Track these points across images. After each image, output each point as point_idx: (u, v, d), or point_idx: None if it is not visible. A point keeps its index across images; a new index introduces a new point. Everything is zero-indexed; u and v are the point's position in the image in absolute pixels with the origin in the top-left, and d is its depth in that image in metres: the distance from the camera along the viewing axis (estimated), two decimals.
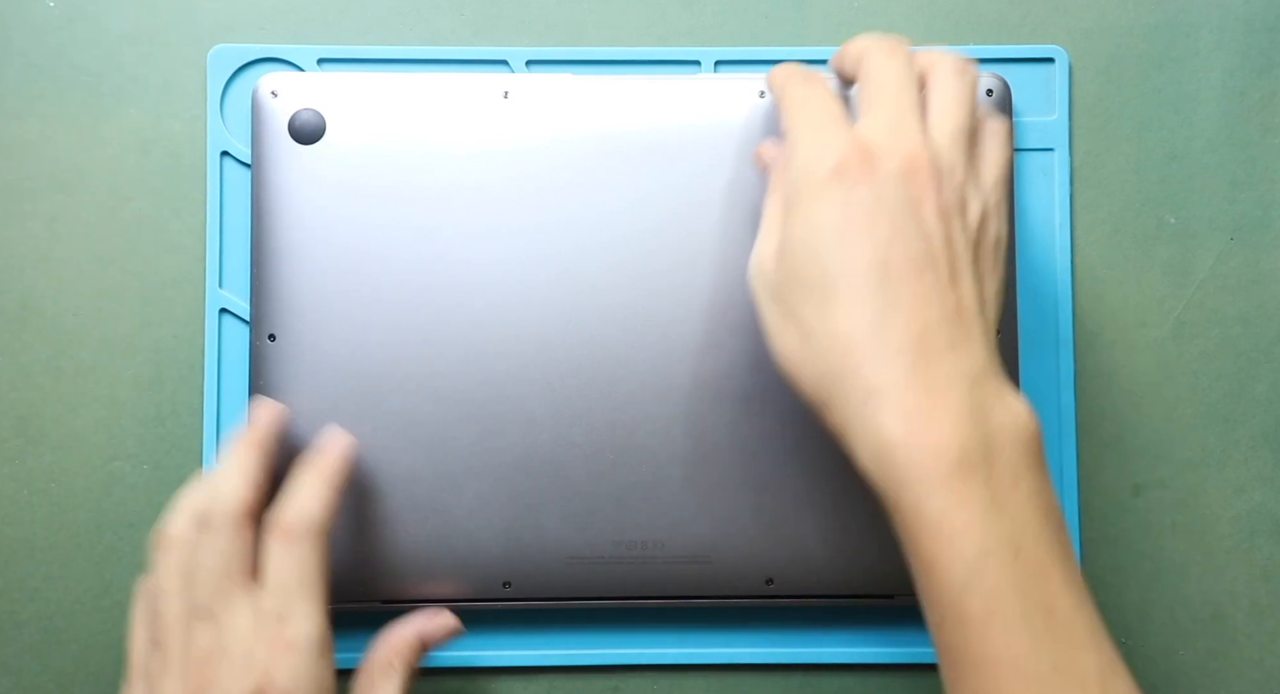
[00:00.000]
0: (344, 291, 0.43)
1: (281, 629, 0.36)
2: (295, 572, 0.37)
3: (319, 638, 0.37)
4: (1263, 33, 0.48)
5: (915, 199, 0.34)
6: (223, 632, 0.36)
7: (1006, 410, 0.32)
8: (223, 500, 0.38)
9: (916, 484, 0.31)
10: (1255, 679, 0.46)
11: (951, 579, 0.31)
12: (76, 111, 0.46)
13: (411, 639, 0.41)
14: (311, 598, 0.37)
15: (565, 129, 0.44)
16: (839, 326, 0.33)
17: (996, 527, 0.31)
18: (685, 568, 0.43)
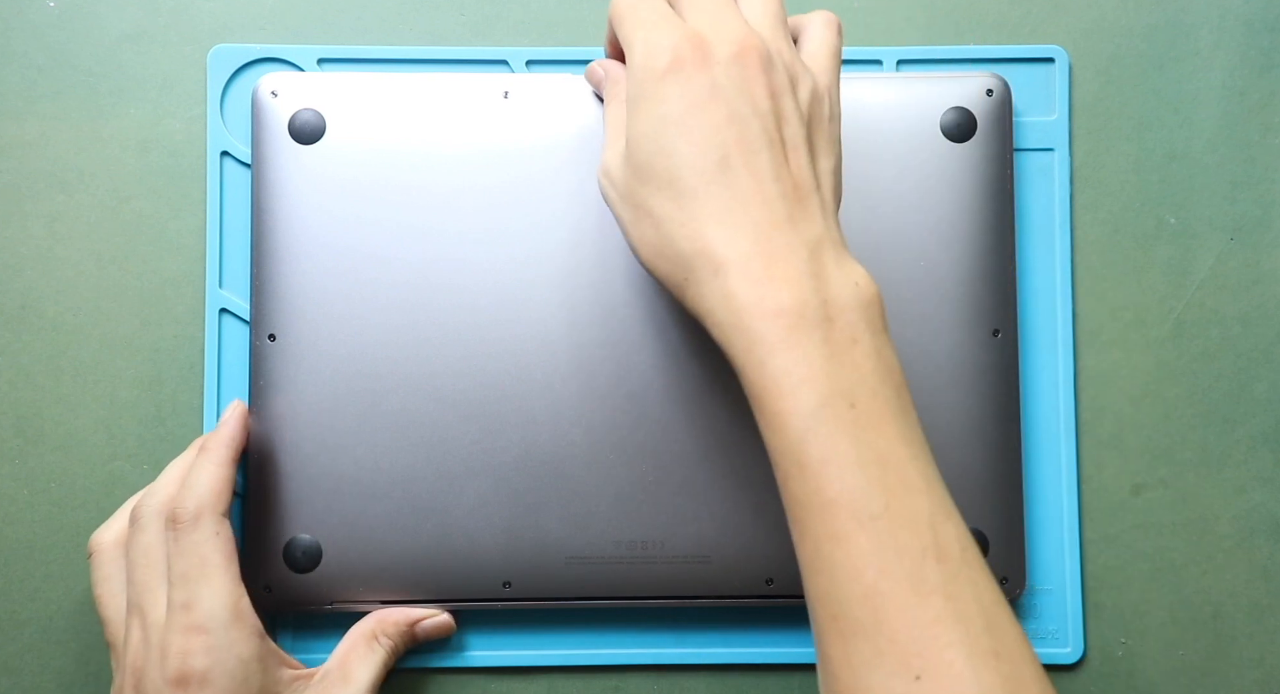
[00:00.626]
0: (344, 291, 0.43)
1: (189, 616, 0.37)
2: (189, 557, 0.38)
3: (226, 613, 0.38)
4: (1263, 33, 0.48)
5: (748, 81, 0.35)
6: (147, 626, 0.38)
7: (845, 276, 0.34)
8: (150, 496, 0.40)
9: (760, 344, 0.33)
10: (1255, 679, 0.46)
11: (792, 429, 0.32)
12: (76, 111, 0.46)
13: (402, 621, 0.42)
14: (212, 578, 0.38)
15: (565, 129, 0.44)
16: (688, 212, 0.34)
17: (833, 380, 0.32)
18: (685, 568, 0.43)
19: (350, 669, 0.41)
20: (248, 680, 0.38)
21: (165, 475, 0.41)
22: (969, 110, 0.44)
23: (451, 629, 0.43)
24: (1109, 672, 0.46)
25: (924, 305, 0.43)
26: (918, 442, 0.33)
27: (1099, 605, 0.46)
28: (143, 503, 0.40)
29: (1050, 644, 0.45)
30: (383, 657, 0.42)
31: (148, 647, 0.38)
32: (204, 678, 0.37)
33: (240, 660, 0.38)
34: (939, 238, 0.44)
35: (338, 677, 0.41)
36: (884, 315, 0.35)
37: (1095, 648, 0.46)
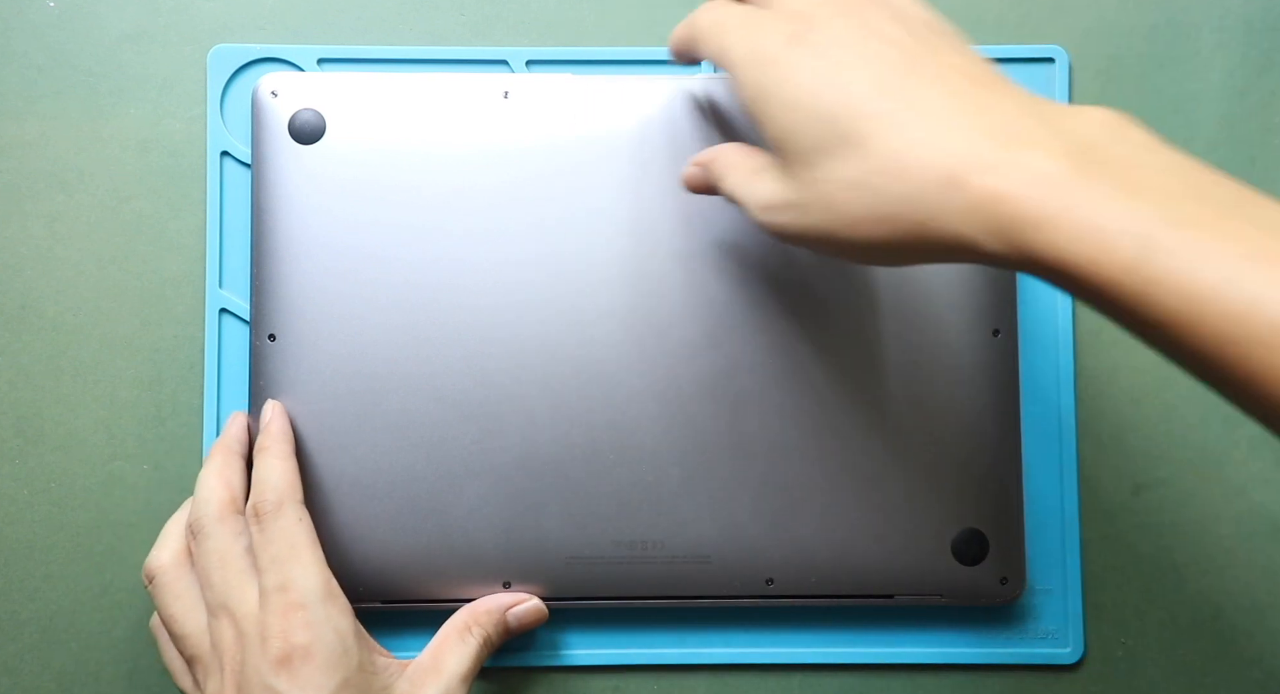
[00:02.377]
0: (344, 291, 0.43)
1: (285, 596, 0.38)
2: (279, 543, 0.39)
3: (320, 590, 0.38)
4: (1263, 33, 0.48)
5: (864, 19, 0.33)
6: (238, 619, 0.38)
7: (1084, 116, 0.30)
8: (201, 505, 0.40)
9: (1044, 218, 0.28)
10: (1255, 679, 0.46)
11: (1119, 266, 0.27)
12: (76, 111, 0.46)
13: (494, 609, 0.42)
14: (302, 559, 0.39)
15: (565, 129, 0.44)
16: (885, 149, 0.31)
17: (1142, 207, 0.27)
18: (685, 568, 0.43)
19: (442, 660, 0.41)
20: (347, 654, 0.38)
21: (206, 485, 0.41)
22: None
23: (544, 614, 0.43)
24: (1109, 672, 0.46)
25: (924, 305, 0.43)
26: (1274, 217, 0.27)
27: (1099, 605, 0.46)
28: (200, 514, 0.40)
29: (1050, 644, 0.45)
30: (475, 648, 0.41)
31: (244, 638, 0.38)
32: (307, 652, 0.37)
33: (339, 634, 0.38)
34: None
35: (429, 667, 0.41)
36: (1140, 130, 0.30)
37: (1095, 648, 0.46)
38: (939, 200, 0.30)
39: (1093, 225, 0.28)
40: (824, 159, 0.32)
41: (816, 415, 0.43)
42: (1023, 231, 0.29)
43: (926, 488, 0.43)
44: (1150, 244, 0.27)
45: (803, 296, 0.43)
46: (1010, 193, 0.29)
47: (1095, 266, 0.28)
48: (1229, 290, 0.26)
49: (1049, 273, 0.29)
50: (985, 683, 0.46)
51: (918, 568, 0.43)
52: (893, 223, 0.31)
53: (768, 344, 0.43)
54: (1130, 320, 0.28)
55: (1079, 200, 0.28)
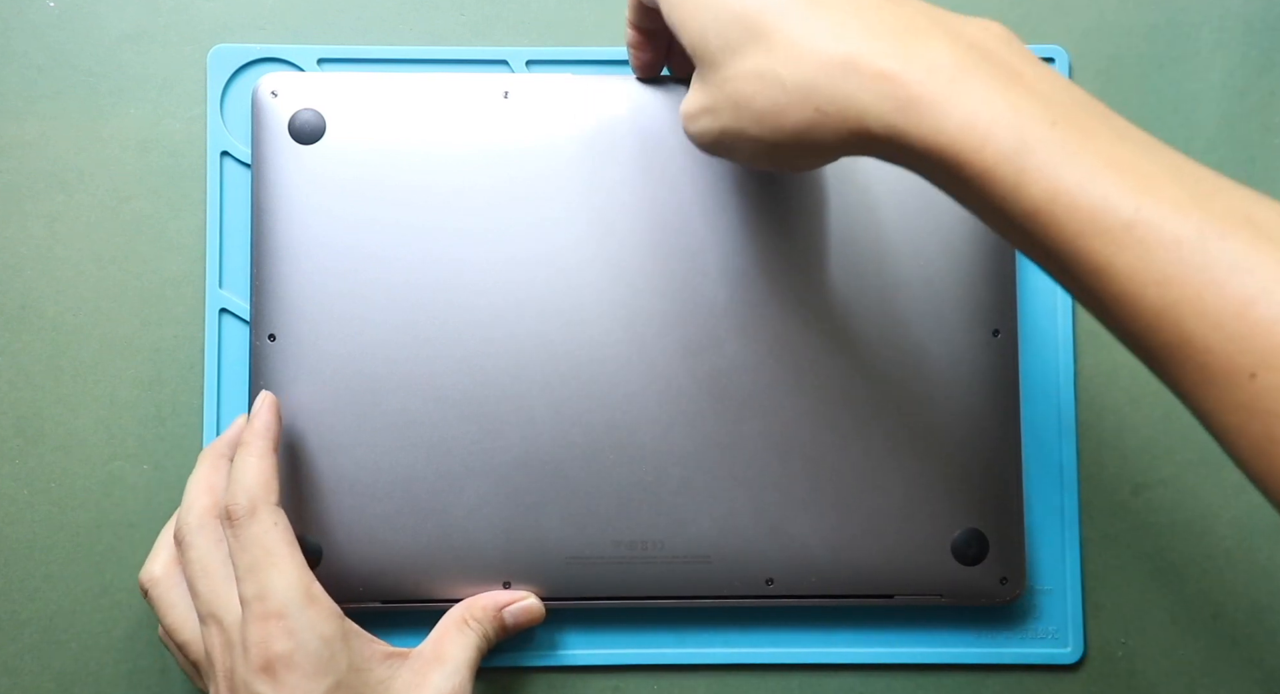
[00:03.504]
0: (344, 291, 0.43)
1: (263, 605, 0.37)
2: (253, 550, 0.38)
3: (300, 596, 0.38)
4: (1263, 33, 0.48)
5: None
6: (225, 627, 0.38)
7: (974, 24, 0.32)
8: (184, 514, 0.40)
9: (928, 109, 0.30)
10: (1255, 679, 0.46)
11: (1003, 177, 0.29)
12: (76, 111, 0.46)
13: (491, 607, 0.42)
14: (279, 565, 0.38)
15: (565, 129, 0.44)
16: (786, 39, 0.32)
17: (1022, 111, 0.29)
18: (685, 568, 0.43)
19: (444, 650, 0.41)
20: (334, 659, 0.37)
21: (190, 493, 0.41)
22: None
23: (540, 614, 0.43)
24: (1109, 672, 0.46)
25: (924, 305, 0.43)
26: (1139, 137, 0.30)
27: (1099, 605, 0.46)
28: (181, 523, 0.40)
29: (1050, 644, 0.45)
30: (475, 639, 0.41)
31: (230, 647, 0.38)
32: (288, 660, 0.37)
33: (322, 640, 0.37)
34: (939, 238, 0.44)
35: (432, 657, 0.40)
36: (1027, 48, 0.32)
37: (1095, 648, 0.46)
38: (837, 84, 0.31)
39: (979, 114, 0.29)
40: (732, 57, 0.33)
41: (816, 415, 0.43)
42: (914, 114, 0.30)
43: (926, 488, 0.43)
44: (1028, 138, 0.29)
45: (803, 297, 0.43)
46: (904, 76, 0.30)
47: (976, 154, 0.29)
48: (1090, 187, 0.28)
49: (928, 160, 0.30)
50: (985, 683, 0.46)
51: (918, 568, 0.43)
52: (794, 112, 0.32)
53: (768, 344, 0.43)
54: (998, 210, 0.30)
55: (968, 90, 0.30)
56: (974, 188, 0.30)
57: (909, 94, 0.30)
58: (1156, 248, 0.27)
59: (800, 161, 0.34)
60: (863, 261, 0.43)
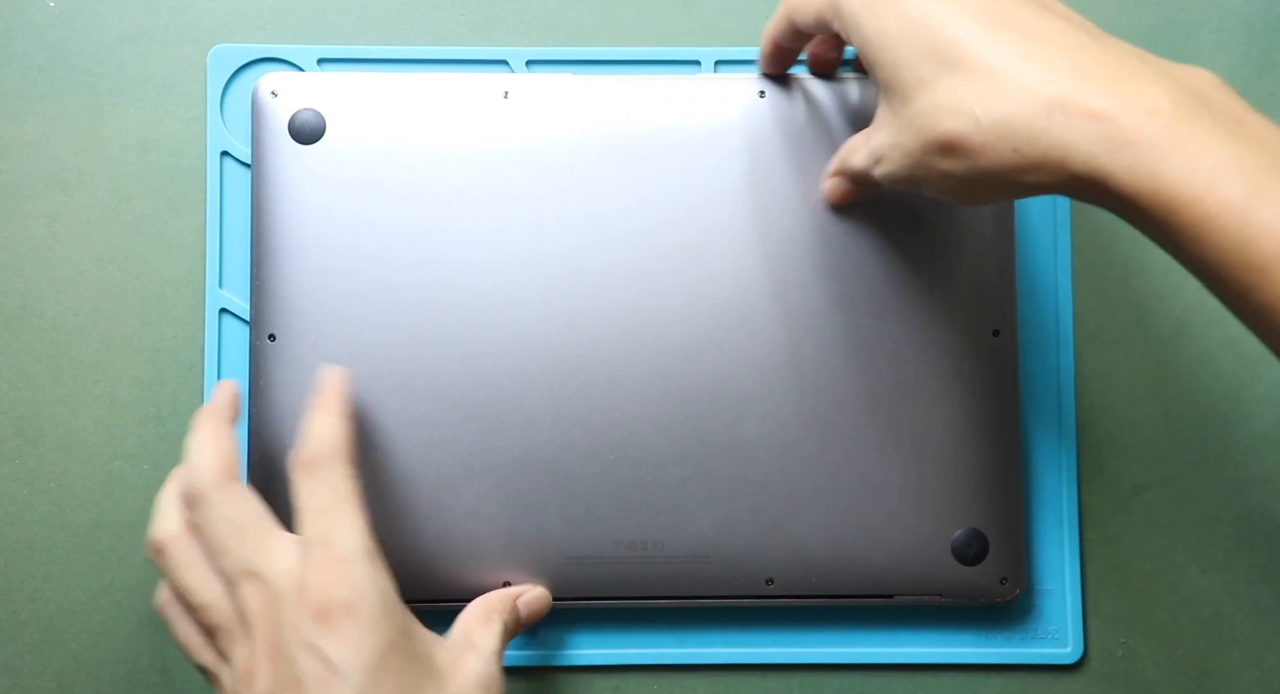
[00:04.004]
0: (344, 291, 0.43)
1: (329, 549, 0.36)
2: (327, 494, 0.37)
3: (364, 546, 0.36)
4: (1263, 33, 0.48)
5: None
6: (268, 579, 0.36)
7: (1186, 69, 0.31)
8: (198, 474, 0.38)
9: (1146, 151, 0.29)
10: (1255, 679, 0.46)
11: (1229, 226, 0.28)
12: (76, 111, 0.46)
13: (507, 598, 0.41)
14: (349, 515, 0.37)
15: (565, 129, 0.44)
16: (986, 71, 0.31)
17: (1248, 159, 0.29)
18: (685, 568, 0.43)
19: (474, 638, 0.40)
20: (391, 617, 0.36)
21: (197, 452, 0.38)
22: None
23: (549, 602, 0.43)
24: (1109, 672, 0.46)
25: (924, 306, 0.43)
26: None
27: (1099, 605, 0.46)
28: (194, 482, 0.37)
29: (1050, 644, 0.45)
30: (499, 629, 0.40)
31: (278, 597, 0.35)
32: (349, 607, 0.35)
33: (383, 594, 0.36)
34: (940, 238, 0.44)
35: (464, 643, 0.39)
36: (1240, 97, 0.31)
37: (1095, 648, 0.46)
38: (1039, 125, 0.30)
39: (1202, 161, 0.28)
40: (925, 91, 0.33)
41: (816, 415, 0.43)
42: (1127, 158, 0.29)
43: (926, 488, 0.43)
44: (1257, 188, 0.28)
45: (803, 296, 0.43)
46: (1120, 118, 0.29)
47: (1198, 204, 0.28)
48: None
49: (1137, 206, 0.29)
50: (985, 683, 0.46)
51: (918, 568, 0.43)
52: (989, 151, 0.31)
53: (768, 344, 0.43)
54: (1213, 261, 0.29)
55: (1190, 135, 0.29)
56: (1187, 236, 0.29)
57: (1125, 137, 0.29)
58: None
59: (990, 198, 0.34)
60: (863, 261, 0.43)
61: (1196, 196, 0.29)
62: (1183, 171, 0.29)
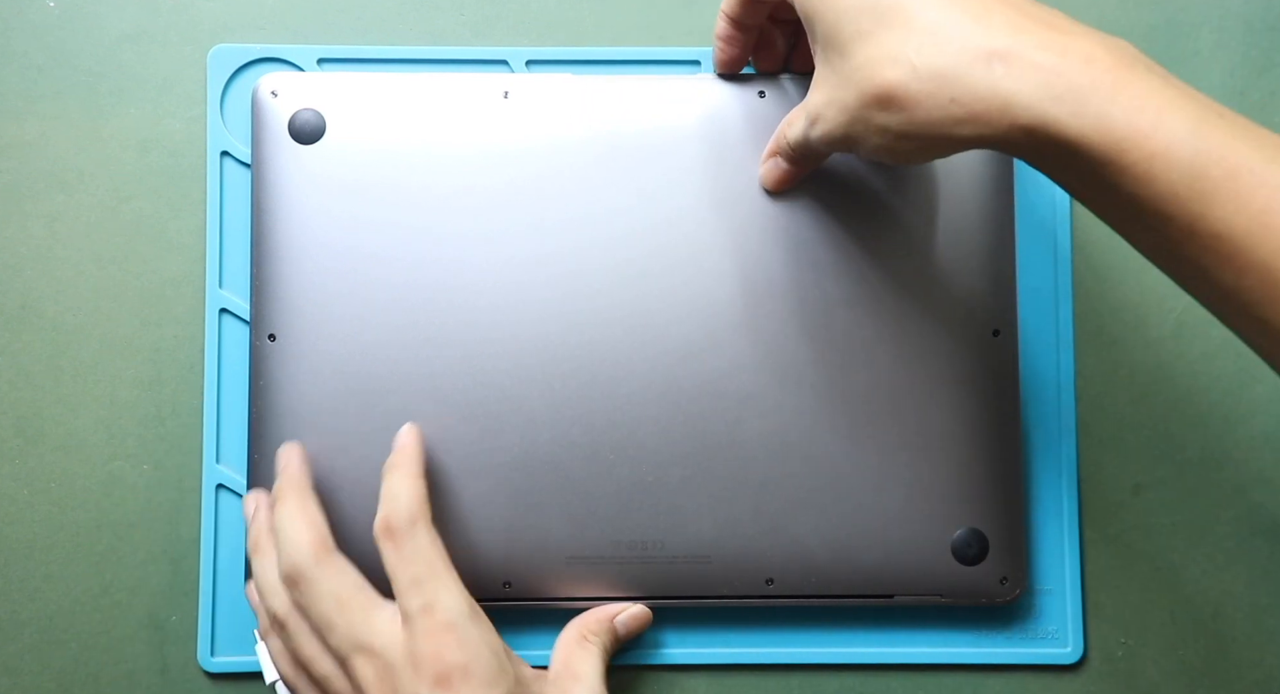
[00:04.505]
0: (344, 291, 0.43)
1: (432, 618, 0.37)
2: (418, 562, 0.38)
3: (467, 608, 0.37)
4: (1263, 33, 0.48)
5: None
6: (378, 652, 0.37)
7: (1111, 36, 0.32)
8: (294, 551, 0.38)
9: (1090, 95, 0.30)
10: (1255, 679, 0.46)
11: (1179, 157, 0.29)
12: (76, 111, 0.46)
13: (604, 618, 0.42)
14: (443, 576, 0.38)
15: (565, 129, 0.44)
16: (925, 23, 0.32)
17: (1191, 99, 0.30)
18: (685, 568, 0.43)
19: (575, 666, 0.41)
20: (504, 670, 0.37)
21: (289, 530, 0.38)
22: None
23: (649, 619, 0.43)
24: (1109, 672, 0.46)
25: (924, 305, 0.43)
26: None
27: (1099, 605, 0.46)
28: (294, 561, 0.38)
29: (1050, 644, 0.45)
30: (598, 652, 0.41)
31: (391, 669, 0.36)
32: (465, 670, 0.36)
33: (493, 651, 0.37)
34: (939, 237, 0.44)
35: (567, 674, 0.40)
36: None
37: (1095, 648, 0.46)
38: (977, 75, 0.31)
39: (1148, 99, 0.29)
40: (863, 43, 0.33)
41: (816, 415, 0.43)
42: (1072, 102, 0.30)
43: (927, 488, 0.43)
44: (1203, 120, 0.29)
45: (803, 297, 0.43)
46: (1061, 67, 0.30)
47: (1145, 139, 0.29)
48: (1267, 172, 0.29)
49: (1081, 151, 0.30)
50: (985, 683, 0.46)
51: (918, 568, 0.43)
52: (926, 101, 0.32)
53: (768, 344, 0.43)
54: (1169, 192, 0.29)
55: (1131, 78, 0.30)
56: (1135, 174, 0.30)
57: (1067, 83, 0.30)
58: None
59: (924, 154, 0.34)
60: (863, 261, 0.43)
61: (1145, 132, 0.29)
62: (1129, 110, 0.30)
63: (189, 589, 0.45)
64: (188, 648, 0.45)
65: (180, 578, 0.45)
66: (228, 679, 0.45)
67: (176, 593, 0.45)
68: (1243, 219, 0.29)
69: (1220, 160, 0.29)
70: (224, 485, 0.45)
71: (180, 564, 0.45)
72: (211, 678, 0.45)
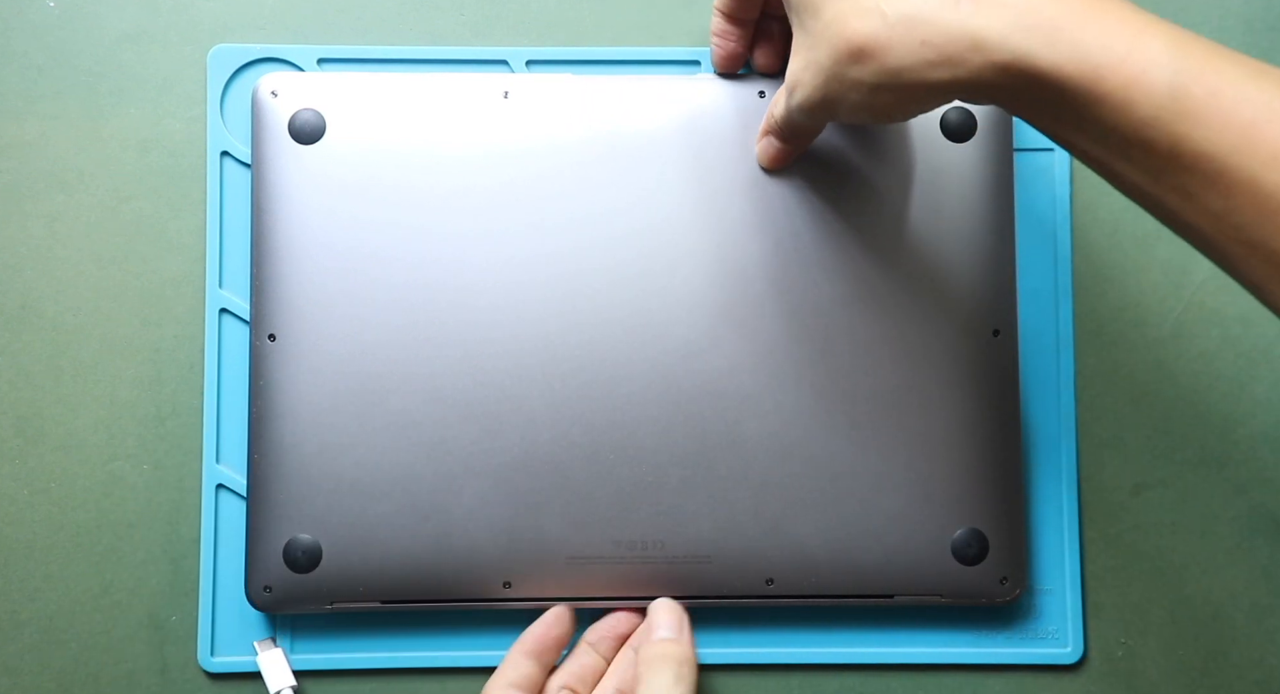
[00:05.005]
0: (344, 291, 0.43)
1: None
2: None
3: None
4: (1263, 33, 0.48)
5: None
6: None
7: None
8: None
9: (1060, 30, 0.30)
10: (1255, 679, 0.46)
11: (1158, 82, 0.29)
12: (76, 111, 0.46)
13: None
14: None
15: (565, 129, 0.44)
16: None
17: (1165, 28, 0.30)
18: (685, 568, 0.43)
19: None
20: None
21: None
22: (969, 111, 0.44)
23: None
24: (1109, 672, 0.46)
25: (924, 306, 0.43)
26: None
27: (1099, 605, 0.46)
28: None
29: (1050, 644, 0.45)
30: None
31: None
32: None
33: None
34: (939, 238, 0.44)
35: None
36: None
37: (1095, 648, 0.46)
38: (946, 14, 0.31)
39: (1122, 27, 0.30)
40: (832, 1, 0.33)
41: (817, 415, 0.43)
42: (1044, 35, 0.30)
43: (927, 488, 0.43)
44: (1179, 42, 0.29)
45: (803, 296, 0.43)
46: (1032, 2, 0.30)
47: (1125, 61, 0.29)
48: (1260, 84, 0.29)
49: (1055, 83, 0.30)
50: (985, 683, 0.46)
51: (918, 568, 0.43)
52: (898, 46, 0.32)
53: (768, 344, 0.43)
54: (1149, 117, 0.29)
55: (1101, 7, 0.30)
56: (1114, 102, 0.30)
57: (1038, 15, 0.30)
58: None
59: (904, 107, 0.34)
60: (863, 261, 0.43)
61: (1121, 57, 0.29)
62: (1103, 37, 0.30)
63: (189, 589, 0.45)
64: (188, 648, 0.45)
65: (180, 578, 0.45)
66: (228, 679, 0.45)
67: (176, 593, 0.45)
68: (1228, 135, 0.29)
69: (1200, 79, 0.29)
70: (224, 485, 0.45)
71: (180, 564, 0.45)
72: (211, 678, 0.45)
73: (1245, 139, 0.29)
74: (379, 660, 0.45)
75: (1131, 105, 0.30)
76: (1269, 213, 0.29)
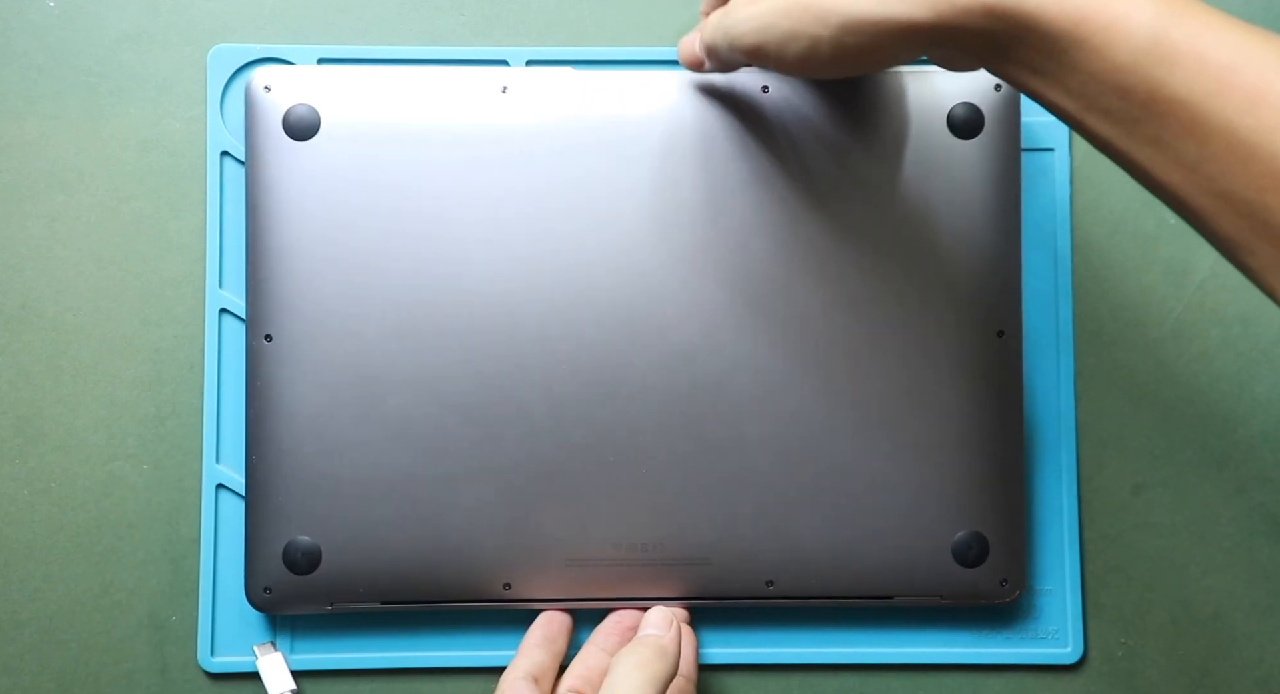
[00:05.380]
0: (341, 291, 0.43)
1: None
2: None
3: None
4: None
5: None
6: None
7: None
8: None
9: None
10: (1255, 679, 0.46)
11: (1139, 34, 0.29)
12: (76, 111, 0.46)
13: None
14: None
15: (564, 124, 0.44)
16: None
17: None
18: (685, 569, 0.43)
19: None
20: None
21: None
22: (976, 106, 0.44)
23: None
24: (1109, 672, 0.46)
25: (929, 306, 0.43)
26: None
27: (1099, 605, 0.46)
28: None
29: (1050, 644, 0.45)
30: None
31: None
32: None
33: None
34: (945, 236, 0.43)
35: None
36: None
37: (1095, 648, 0.46)
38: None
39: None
40: None
41: (818, 417, 0.43)
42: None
43: (928, 489, 0.43)
44: (1163, 19, 0.29)
45: (805, 297, 0.43)
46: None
47: (1103, 5, 0.29)
48: (1230, 34, 0.29)
49: (1044, 20, 0.30)
50: (985, 683, 0.46)
51: (918, 569, 0.43)
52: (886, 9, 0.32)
53: (769, 345, 0.43)
54: (1130, 61, 0.29)
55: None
56: (1096, 43, 0.30)
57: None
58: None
59: (872, 53, 0.33)
60: (867, 262, 0.43)
61: (1105, 1, 0.29)
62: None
63: (189, 589, 0.45)
64: (188, 648, 0.45)
65: (180, 578, 0.45)
66: (228, 679, 0.45)
67: (176, 593, 0.45)
68: (1205, 80, 0.29)
69: (1181, 23, 0.29)
70: (224, 485, 0.45)
71: (180, 564, 0.45)
72: (211, 678, 0.45)
73: (1222, 83, 0.29)
74: (379, 661, 0.45)
75: (1111, 48, 0.30)
76: (1242, 159, 0.29)
